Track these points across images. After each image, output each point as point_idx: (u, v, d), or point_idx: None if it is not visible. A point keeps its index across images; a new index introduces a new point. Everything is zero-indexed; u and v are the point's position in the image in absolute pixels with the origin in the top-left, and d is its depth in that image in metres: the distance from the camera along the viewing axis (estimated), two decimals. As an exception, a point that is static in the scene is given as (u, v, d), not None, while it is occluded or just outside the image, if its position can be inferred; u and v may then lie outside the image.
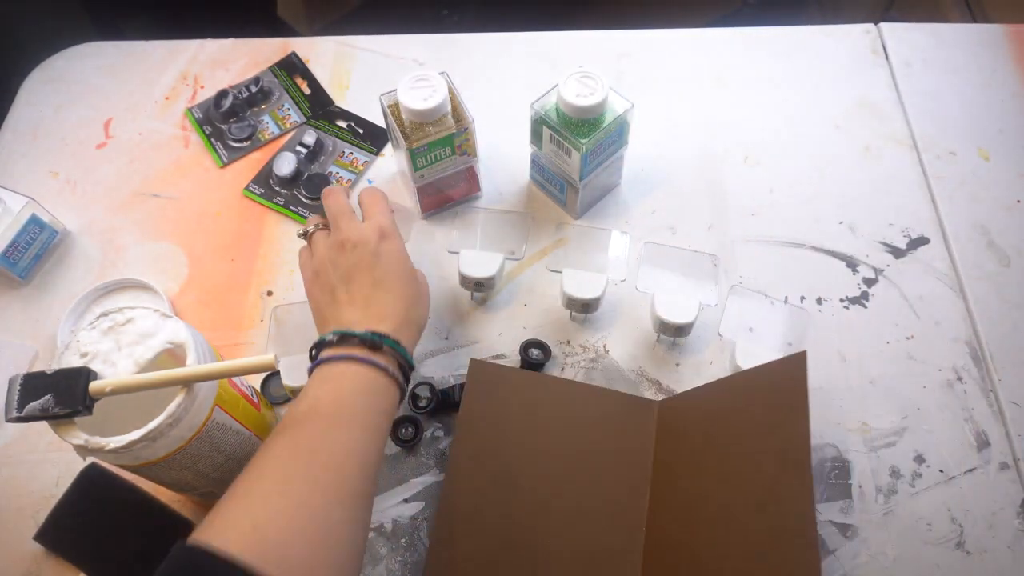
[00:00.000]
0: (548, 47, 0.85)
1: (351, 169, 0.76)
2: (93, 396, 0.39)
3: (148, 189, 0.76)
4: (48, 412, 0.39)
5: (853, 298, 0.68)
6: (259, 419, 0.56)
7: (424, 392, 0.62)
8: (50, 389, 0.40)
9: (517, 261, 0.70)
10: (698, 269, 0.65)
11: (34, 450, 0.62)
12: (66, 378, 0.40)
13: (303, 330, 0.63)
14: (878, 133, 0.78)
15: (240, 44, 0.86)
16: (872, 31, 0.86)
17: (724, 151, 0.77)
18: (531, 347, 0.64)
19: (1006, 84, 0.81)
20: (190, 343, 0.47)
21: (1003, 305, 0.67)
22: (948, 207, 0.73)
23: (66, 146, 0.79)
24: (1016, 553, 0.56)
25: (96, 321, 0.47)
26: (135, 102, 0.82)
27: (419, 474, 0.60)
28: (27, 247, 0.69)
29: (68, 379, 0.40)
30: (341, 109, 0.81)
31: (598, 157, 0.66)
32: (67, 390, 0.40)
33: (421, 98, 0.62)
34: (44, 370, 0.41)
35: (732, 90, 0.81)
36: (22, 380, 0.41)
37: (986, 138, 0.77)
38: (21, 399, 0.40)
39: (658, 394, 0.63)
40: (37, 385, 0.40)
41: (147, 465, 0.46)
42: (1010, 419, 0.62)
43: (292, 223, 0.73)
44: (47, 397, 0.39)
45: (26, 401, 0.40)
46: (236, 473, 0.42)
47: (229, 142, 0.78)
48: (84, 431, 0.44)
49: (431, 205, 0.72)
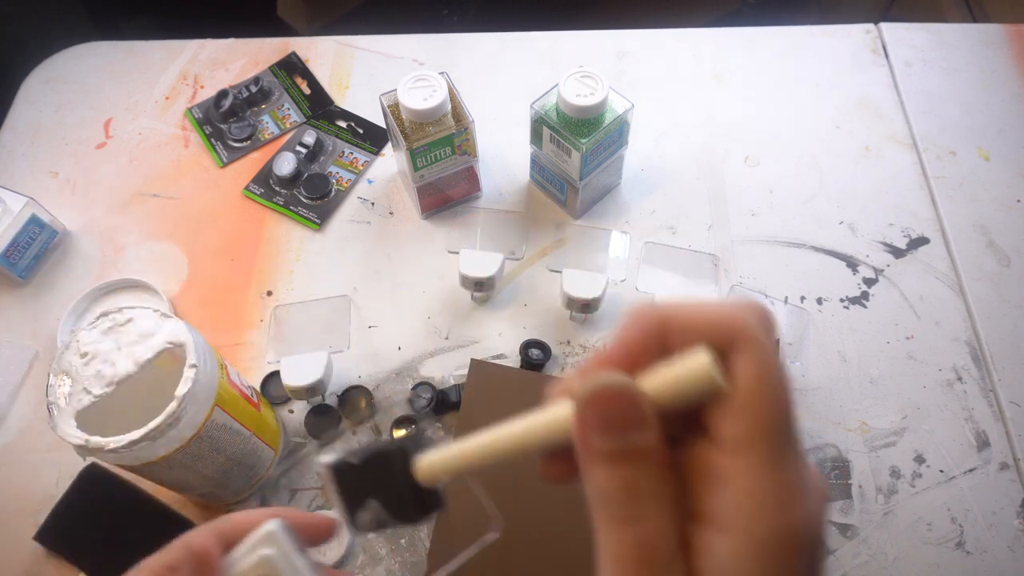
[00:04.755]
0: (548, 47, 0.85)
1: (351, 169, 0.76)
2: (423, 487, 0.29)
3: (148, 189, 0.76)
4: (385, 525, 0.30)
5: (853, 298, 0.68)
6: (259, 419, 0.56)
7: (424, 392, 0.62)
8: (369, 488, 0.30)
9: (517, 261, 0.70)
10: (698, 269, 0.65)
11: (34, 450, 0.62)
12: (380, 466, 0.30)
13: (303, 330, 0.63)
14: (878, 133, 0.78)
15: (240, 44, 0.86)
16: (872, 31, 0.86)
17: (724, 151, 0.77)
18: (531, 347, 0.64)
19: (1006, 84, 0.81)
20: (190, 343, 0.47)
21: (1003, 305, 0.67)
22: (948, 207, 0.73)
23: (66, 146, 0.79)
24: (1016, 553, 0.56)
25: (96, 321, 0.47)
26: (135, 102, 0.82)
27: (419, 474, 0.60)
28: (27, 247, 0.69)
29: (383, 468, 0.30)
30: (341, 109, 0.81)
31: (598, 157, 0.66)
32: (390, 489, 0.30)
33: (421, 98, 0.62)
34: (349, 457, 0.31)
35: (732, 90, 0.81)
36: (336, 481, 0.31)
37: (986, 138, 0.77)
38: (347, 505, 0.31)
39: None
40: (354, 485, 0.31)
41: (147, 465, 0.46)
42: (1010, 419, 0.62)
43: (292, 223, 0.73)
44: (374, 506, 0.30)
45: (352, 509, 0.31)
46: (236, 473, 0.42)
47: (229, 142, 0.78)
48: (84, 431, 0.44)
49: (431, 205, 0.72)
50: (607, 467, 0.24)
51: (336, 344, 0.61)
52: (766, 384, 0.23)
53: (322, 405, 0.63)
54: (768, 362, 0.23)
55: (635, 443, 0.23)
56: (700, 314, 0.24)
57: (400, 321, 0.67)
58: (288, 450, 0.61)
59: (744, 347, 0.23)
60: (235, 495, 0.57)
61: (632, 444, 0.23)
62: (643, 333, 0.25)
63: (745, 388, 0.23)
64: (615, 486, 0.23)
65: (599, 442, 0.24)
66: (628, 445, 0.23)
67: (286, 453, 0.61)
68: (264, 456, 0.57)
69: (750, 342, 0.23)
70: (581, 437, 0.24)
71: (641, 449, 0.23)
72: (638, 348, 0.25)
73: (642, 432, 0.23)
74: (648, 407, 0.23)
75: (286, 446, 0.61)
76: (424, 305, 0.68)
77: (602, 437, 0.24)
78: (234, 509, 0.58)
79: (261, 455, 0.57)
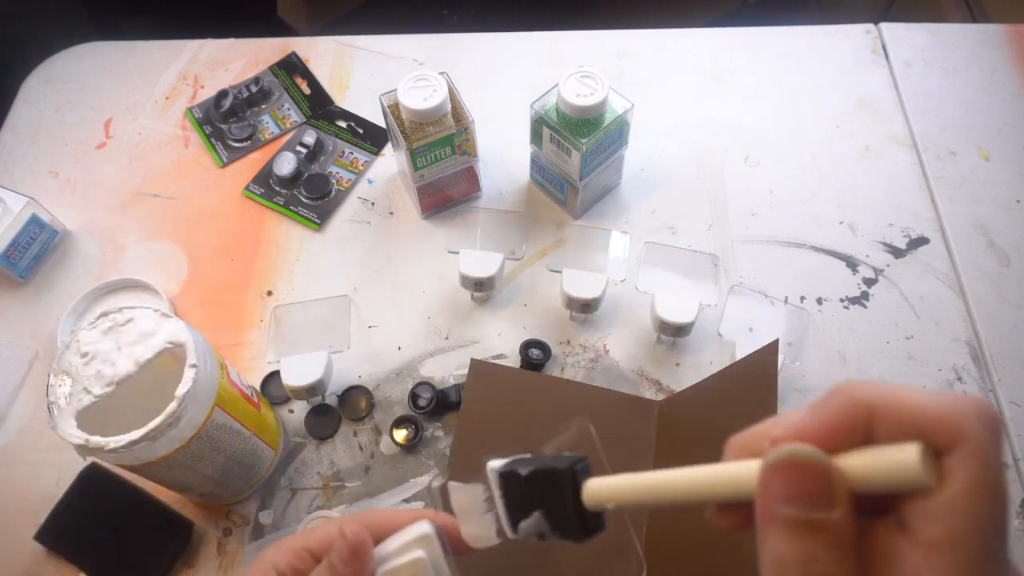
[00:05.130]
0: (548, 47, 0.85)
1: (351, 169, 0.76)
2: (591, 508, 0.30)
3: (148, 189, 0.76)
4: (545, 536, 0.31)
5: (853, 298, 0.68)
6: (259, 419, 0.56)
7: (424, 392, 0.62)
8: (533, 499, 0.31)
9: (517, 261, 0.70)
10: (698, 269, 0.65)
11: (34, 450, 0.62)
12: (548, 483, 0.31)
13: (303, 330, 0.63)
14: (878, 133, 0.78)
15: (240, 44, 0.86)
16: (872, 31, 0.86)
17: (724, 151, 0.77)
18: (531, 347, 0.64)
19: (1006, 84, 0.81)
20: (190, 343, 0.47)
21: (1003, 305, 0.67)
22: (948, 207, 0.73)
23: (66, 146, 0.79)
24: (1016, 553, 0.56)
25: (96, 321, 0.47)
26: (135, 102, 0.82)
27: (419, 474, 0.60)
28: (27, 247, 0.69)
29: (551, 485, 0.31)
30: (341, 109, 0.81)
31: (598, 157, 0.66)
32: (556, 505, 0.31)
33: (421, 98, 0.62)
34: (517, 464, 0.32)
35: (732, 90, 0.81)
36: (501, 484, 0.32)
37: (986, 138, 0.77)
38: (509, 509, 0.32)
39: (658, 394, 0.63)
40: (518, 492, 0.32)
41: (147, 465, 0.46)
42: (1010, 419, 0.61)
43: (292, 223, 0.73)
44: (538, 516, 0.31)
45: (516, 516, 0.32)
46: (236, 473, 0.42)
47: (229, 142, 0.78)
48: (84, 431, 0.44)
49: (431, 205, 0.72)
50: (786, 534, 0.23)
51: (336, 344, 0.62)
52: (981, 493, 0.22)
53: (322, 405, 0.63)
54: (990, 472, 0.22)
55: (819, 518, 0.23)
56: (917, 407, 0.23)
57: (400, 321, 0.67)
58: (288, 450, 0.61)
59: (963, 449, 0.22)
60: (235, 495, 0.58)
61: (815, 518, 0.23)
62: (847, 414, 0.24)
63: (957, 492, 0.22)
64: (792, 556, 0.23)
65: (781, 509, 0.23)
66: (811, 518, 0.23)
67: (286, 453, 0.61)
68: (264, 456, 0.57)
69: (971, 446, 0.22)
70: (763, 501, 0.24)
71: (825, 524, 0.23)
72: (839, 429, 0.24)
73: (829, 510, 0.23)
74: (840, 485, 0.23)
75: (286, 446, 0.61)
76: (424, 305, 0.68)
77: (785, 506, 0.23)
78: (234, 509, 0.59)
79: (261, 455, 0.57)
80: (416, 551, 0.32)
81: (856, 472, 0.23)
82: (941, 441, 0.22)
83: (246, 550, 0.57)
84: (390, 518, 0.35)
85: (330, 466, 0.60)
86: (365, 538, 0.32)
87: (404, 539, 0.33)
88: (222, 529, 0.58)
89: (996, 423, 0.23)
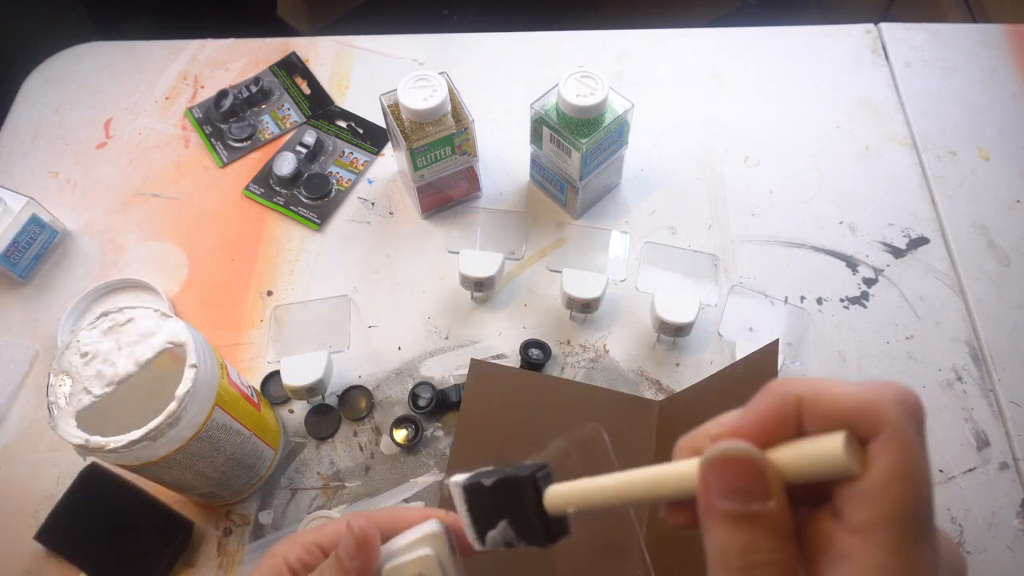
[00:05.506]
0: (548, 47, 0.85)
1: (351, 169, 0.76)
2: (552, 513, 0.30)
3: (148, 189, 0.76)
4: (512, 544, 0.32)
5: (853, 298, 0.68)
6: (259, 419, 0.56)
7: (424, 392, 0.62)
8: (497, 509, 0.32)
9: (517, 261, 0.70)
10: (698, 269, 0.65)
11: (34, 450, 0.62)
12: (511, 491, 0.31)
13: (303, 330, 0.63)
14: (878, 133, 0.78)
15: (240, 44, 0.86)
16: (872, 31, 0.86)
17: (724, 151, 0.77)
18: (531, 347, 0.64)
19: (1006, 84, 0.81)
20: (190, 343, 0.47)
21: (1003, 305, 0.67)
22: (948, 207, 0.73)
23: (66, 146, 0.79)
24: (1016, 553, 0.56)
25: (96, 321, 0.47)
26: (135, 102, 0.82)
27: (419, 474, 0.60)
28: (27, 247, 0.69)
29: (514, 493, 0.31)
30: (341, 109, 0.81)
31: (598, 157, 0.66)
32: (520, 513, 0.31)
33: (421, 98, 0.62)
34: (482, 477, 0.32)
35: (732, 90, 0.81)
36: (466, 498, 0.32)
37: (986, 138, 0.77)
38: (475, 522, 0.32)
39: (658, 394, 0.63)
40: (482, 505, 0.32)
41: (147, 465, 0.46)
42: (1010, 419, 0.62)
43: (292, 223, 0.73)
44: (503, 525, 0.32)
45: (482, 528, 0.32)
46: (236, 473, 0.42)
47: (229, 142, 0.78)
48: (84, 431, 0.44)
49: (431, 205, 0.72)
50: (727, 527, 0.24)
51: (336, 344, 0.62)
52: (903, 475, 0.23)
53: (322, 405, 0.63)
54: (909, 455, 0.23)
55: (755, 509, 0.24)
56: (842, 398, 0.24)
57: (400, 321, 0.67)
58: (288, 450, 0.61)
59: (884, 435, 0.23)
60: (235, 495, 0.58)
61: (752, 510, 0.24)
62: (778, 410, 0.25)
63: (879, 477, 0.23)
64: (733, 547, 0.24)
65: (719, 503, 0.24)
66: (748, 510, 0.24)
67: (286, 453, 0.61)
68: (264, 456, 0.57)
69: (891, 431, 0.23)
70: (704, 497, 0.25)
71: (762, 515, 0.24)
72: (771, 424, 0.25)
73: (764, 501, 0.24)
74: (773, 477, 0.24)
75: (286, 446, 0.61)
76: (424, 305, 0.68)
77: (723, 500, 0.24)
78: (234, 509, 0.59)
79: (261, 455, 0.57)
80: (424, 548, 0.32)
81: (788, 463, 0.24)
82: (864, 429, 0.23)
83: (246, 550, 0.57)
84: (400, 516, 0.35)
85: (330, 466, 0.60)
86: (372, 532, 0.32)
87: (412, 536, 0.33)
88: (222, 529, 0.58)
89: (916, 407, 0.24)
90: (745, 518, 0.24)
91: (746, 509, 0.24)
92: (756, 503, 0.24)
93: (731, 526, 0.24)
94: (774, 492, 0.24)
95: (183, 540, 0.56)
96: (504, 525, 0.31)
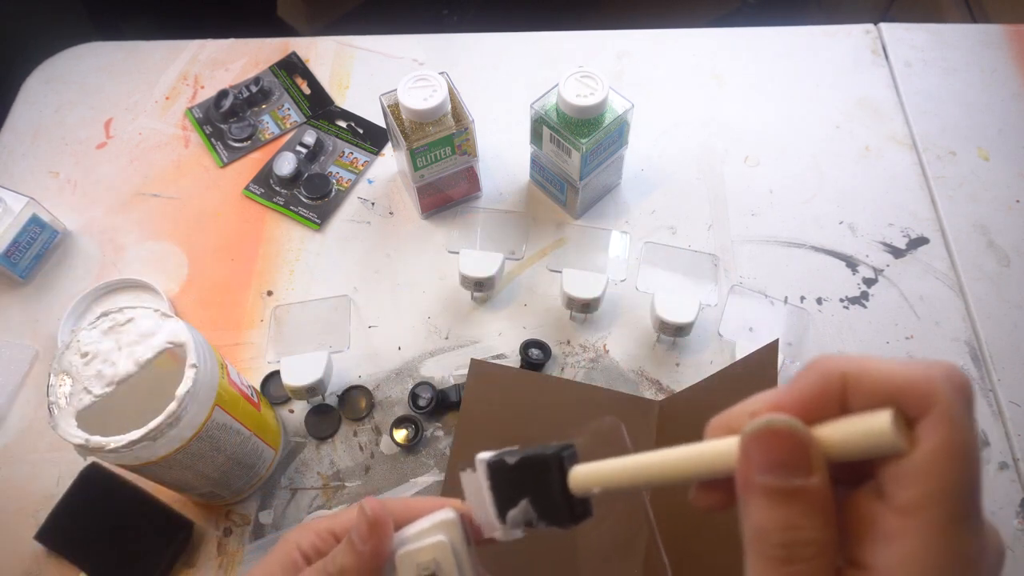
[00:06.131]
0: (548, 47, 0.85)
1: (351, 169, 0.76)
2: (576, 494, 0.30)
3: (148, 189, 0.76)
4: (533, 524, 0.32)
5: (853, 298, 0.68)
6: (259, 419, 0.56)
7: (424, 392, 0.62)
8: (520, 487, 0.31)
9: (517, 261, 0.70)
10: (698, 269, 0.65)
11: (34, 450, 0.62)
12: (535, 470, 0.31)
13: (303, 330, 0.63)
14: (878, 133, 0.78)
15: (240, 44, 0.86)
16: (872, 31, 0.86)
17: (724, 151, 0.77)
18: (531, 347, 0.64)
19: (1006, 84, 0.81)
20: (190, 343, 0.47)
21: (1003, 305, 0.67)
22: (948, 207, 0.73)
23: (66, 146, 0.79)
24: (1016, 553, 0.56)
25: (96, 321, 0.47)
26: (135, 102, 0.82)
27: (419, 474, 0.60)
28: (27, 247, 0.69)
29: (538, 472, 0.31)
30: (341, 109, 0.81)
31: (598, 157, 0.66)
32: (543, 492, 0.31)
33: (421, 98, 0.62)
34: (507, 455, 0.32)
35: (732, 90, 0.81)
36: (489, 475, 0.32)
37: (986, 138, 0.77)
38: (497, 499, 0.32)
39: (658, 394, 0.63)
40: (506, 480, 0.32)
41: (147, 465, 0.46)
42: (1010, 419, 0.62)
43: (292, 223, 0.73)
44: (525, 504, 0.31)
45: (504, 506, 0.32)
46: (236, 473, 0.42)
47: (229, 142, 0.78)
48: (84, 431, 0.44)
49: (431, 205, 0.72)
50: (766, 502, 0.23)
51: (336, 344, 0.62)
52: (951, 454, 0.22)
53: (322, 405, 0.63)
54: (960, 433, 0.22)
55: (797, 485, 0.23)
56: (889, 376, 0.23)
57: (400, 321, 0.67)
58: (288, 450, 0.61)
59: (934, 413, 0.22)
60: (235, 495, 0.58)
61: (794, 485, 0.23)
62: (822, 387, 0.24)
63: (928, 454, 0.22)
64: (772, 523, 0.23)
65: (760, 478, 0.23)
66: (790, 485, 0.23)
67: (286, 453, 0.61)
68: (264, 456, 0.57)
69: (941, 410, 0.22)
70: (743, 472, 0.24)
71: (804, 491, 0.23)
72: (814, 401, 0.24)
73: (807, 477, 0.23)
74: (817, 453, 0.23)
75: (286, 446, 0.61)
76: (424, 305, 0.68)
77: (764, 475, 0.23)
78: (234, 509, 0.59)
79: (261, 455, 0.57)
80: (438, 535, 0.32)
81: (831, 440, 0.23)
82: (912, 407, 0.22)
83: (246, 550, 0.57)
84: (414, 505, 0.35)
85: (330, 466, 0.60)
86: (384, 516, 0.32)
87: (426, 523, 0.33)
88: (222, 529, 0.58)
89: (966, 387, 0.23)
90: (786, 494, 0.23)
91: (788, 484, 0.23)
92: (798, 478, 0.23)
93: (771, 502, 0.23)
94: (817, 467, 0.23)
95: (183, 540, 0.56)
96: (526, 504, 0.31)
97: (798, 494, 0.23)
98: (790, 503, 0.23)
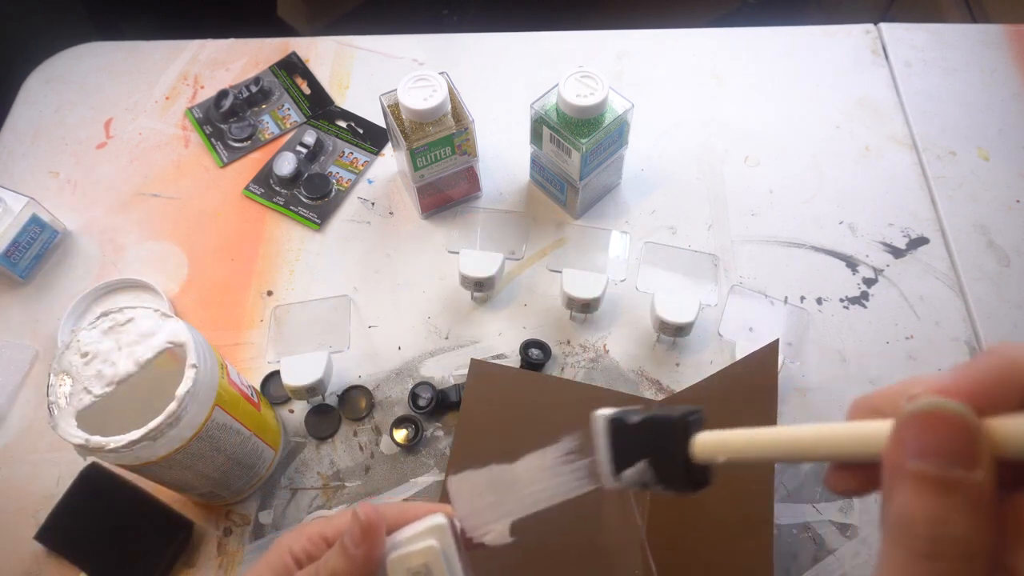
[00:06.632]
0: (548, 47, 0.85)
1: (351, 169, 0.76)
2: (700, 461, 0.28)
3: (148, 189, 0.76)
4: (648, 486, 0.31)
5: (853, 298, 0.68)
6: (259, 419, 0.56)
7: (424, 392, 0.62)
8: (643, 447, 0.30)
9: (517, 261, 0.70)
10: (698, 269, 0.65)
11: (34, 450, 0.62)
12: (657, 432, 0.30)
13: (303, 330, 0.63)
14: (878, 133, 0.78)
15: (240, 44, 0.86)
16: (872, 31, 0.86)
17: (724, 151, 0.77)
18: (531, 347, 0.64)
19: (1006, 84, 0.81)
20: (190, 343, 0.47)
21: (1003, 305, 0.67)
22: (948, 207, 0.73)
23: (66, 146, 0.79)
24: None
25: (96, 321, 0.47)
26: (135, 102, 0.82)
27: (419, 474, 0.60)
28: (27, 247, 0.69)
29: (661, 434, 0.30)
30: (341, 109, 0.81)
31: (598, 157, 0.66)
32: (664, 455, 0.30)
33: (421, 98, 0.62)
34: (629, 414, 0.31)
35: (732, 90, 0.82)
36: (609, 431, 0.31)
37: (986, 138, 0.77)
38: (615, 457, 0.31)
39: (658, 394, 0.63)
40: (625, 442, 0.31)
41: (147, 465, 0.46)
42: (1010, 419, 0.61)
43: (292, 223, 0.73)
44: (643, 465, 0.30)
45: (620, 465, 0.31)
46: (236, 473, 0.42)
47: (229, 142, 0.78)
48: (84, 431, 0.44)
49: (431, 205, 0.72)
50: (917, 490, 0.21)
51: (336, 344, 0.62)
52: None
53: (322, 405, 0.63)
54: None
55: (957, 476, 0.20)
56: None
57: (400, 321, 0.67)
58: (288, 450, 0.61)
59: None
60: (235, 495, 0.58)
61: (953, 476, 0.20)
62: (999, 374, 0.21)
63: None
64: (921, 514, 0.21)
65: (913, 464, 0.21)
66: (948, 476, 0.20)
67: (286, 453, 0.61)
68: (264, 456, 0.57)
69: None
70: (894, 454, 0.22)
71: (963, 484, 0.20)
72: (988, 389, 0.21)
73: (970, 470, 0.20)
74: (985, 446, 0.20)
75: (286, 446, 0.61)
76: (424, 305, 0.68)
77: (919, 461, 0.21)
78: (234, 509, 0.59)
79: (261, 455, 0.57)
80: (429, 540, 0.33)
81: (1003, 434, 0.21)
82: None
83: (246, 550, 0.57)
84: (407, 510, 0.35)
85: (330, 466, 0.60)
86: (377, 521, 0.32)
87: (418, 528, 0.33)
88: (222, 529, 0.58)
89: None
90: (941, 483, 0.20)
91: (945, 473, 0.20)
92: (959, 469, 0.20)
93: (923, 489, 0.21)
94: (983, 462, 0.20)
95: (183, 540, 0.56)
96: (644, 465, 0.30)
97: (956, 486, 0.20)
98: (946, 495, 0.20)
